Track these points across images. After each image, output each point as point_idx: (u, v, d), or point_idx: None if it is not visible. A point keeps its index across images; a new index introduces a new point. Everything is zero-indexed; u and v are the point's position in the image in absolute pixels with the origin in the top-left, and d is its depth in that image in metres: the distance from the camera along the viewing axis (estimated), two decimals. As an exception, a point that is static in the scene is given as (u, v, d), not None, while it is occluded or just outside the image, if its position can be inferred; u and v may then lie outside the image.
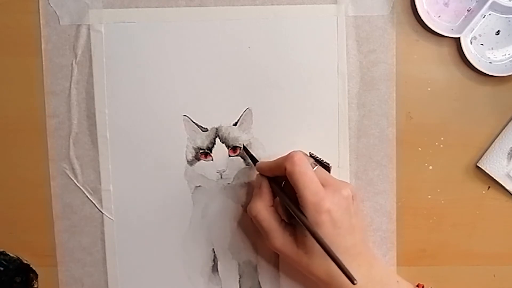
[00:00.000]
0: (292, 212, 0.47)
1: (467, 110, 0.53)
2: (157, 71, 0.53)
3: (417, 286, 0.51)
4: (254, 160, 0.52)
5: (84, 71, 0.53)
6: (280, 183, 0.50)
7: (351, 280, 0.42)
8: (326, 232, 0.46)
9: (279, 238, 0.48)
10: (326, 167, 0.50)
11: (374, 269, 0.49)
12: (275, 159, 0.50)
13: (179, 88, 0.53)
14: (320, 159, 0.50)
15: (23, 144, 0.54)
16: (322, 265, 0.47)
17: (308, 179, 0.46)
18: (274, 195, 0.50)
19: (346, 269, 0.43)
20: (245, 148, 0.53)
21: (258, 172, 0.51)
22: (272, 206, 0.49)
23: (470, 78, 0.53)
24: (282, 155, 0.48)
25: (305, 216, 0.46)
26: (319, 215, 0.46)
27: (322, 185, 0.47)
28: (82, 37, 0.53)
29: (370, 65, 0.53)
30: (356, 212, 0.49)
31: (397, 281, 0.50)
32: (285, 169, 0.47)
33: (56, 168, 0.54)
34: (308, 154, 0.50)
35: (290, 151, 0.48)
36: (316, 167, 0.48)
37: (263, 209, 0.49)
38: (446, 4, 0.52)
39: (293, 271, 0.55)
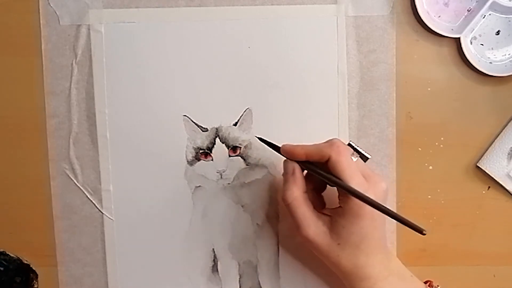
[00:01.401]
0: (334, 184, 0.46)
1: (467, 110, 0.53)
2: (157, 71, 0.53)
3: (425, 282, 0.51)
4: (274, 146, 0.50)
5: (84, 71, 0.53)
6: (313, 165, 0.48)
7: (420, 231, 0.42)
8: (365, 224, 0.46)
9: (312, 226, 0.48)
10: (364, 157, 0.49)
11: (392, 263, 0.49)
12: (309, 144, 0.48)
13: (179, 88, 0.54)
14: (359, 149, 0.49)
15: (23, 144, 0.54)
16: (352, 256, 0.47)
17: (353, 169, 0.46)
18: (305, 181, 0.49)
19: (412, 222, 0.43)
20: (260, 139, 0.51)
21: (285, 159, 0.49)
22: (306, 192, 0.49)
23: (470, 78, 0.53)
24: (322, 142, 0.48)
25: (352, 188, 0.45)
26: (363, 207, 0.45)
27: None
28: (82, 37, 0.53)
29: (370, 65, 0.53)
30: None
31: (411, 275, 0.51)
32: (330, 157, 0.46)
33: (56, 168, 0.54)
34: (347, 144, 0.49)
35: (331, 138, 0.47)
36: (356, 158, 0.48)
37: (299, 196, 0.48)
38: (446, 4, 0.52)
39: (293, 270, 0.55)
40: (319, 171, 0.48)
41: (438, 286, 0.51)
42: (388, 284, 0.48)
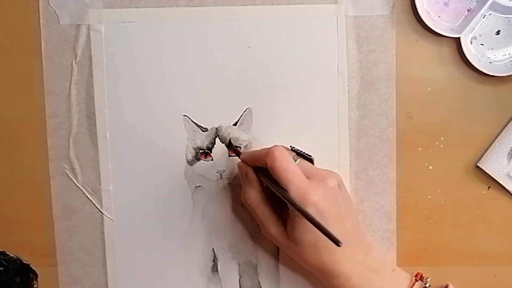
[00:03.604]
0: (278, 193, 0.46)
1: (467, 110, 0.53)
2: (157, 71, 0.53)
3: (416, 276, 0.51)
4: (238, 152, 0.52)
5: (84, 71, 0.53)
6: (264, 170, 0.49)
7: (336, 242, 0.41)
8: None
9: (273, 225, 0.48)
10: (309, 159, 0.49)
11: (369, 257, 0.49)
12: (257, 149, 0.50)
13: (179, 88, 0.54)
14: (301, 152, 0.49)
15: (23, 144, 0.54)
16: (313, 254, 0.47)
17: (290, 173, 0.46)
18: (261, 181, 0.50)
19: (330, 232, 0.41)
20: (230, 142, 0.53)
21: (239, 162, 0.51)
22: (263, 192, 0.49)
23: (470, 78, 0.53)
24: (265, 147, 0.48)
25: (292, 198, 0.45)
26: (305, 208, 0.45)
27: (307, 177, 0.46)
28: (82, 37, 0.53)
29: (370, 65, 0.53)
30: (345, 200, 0.48)
31: (393, 270, 0.50)
32: (266, 164, 0.46)
33: (56, 168, 0.54)
34: (290, 148, 0.50)
35: (272, 145, 0.47)
36: (298, 160, 0.48)
37: (257, 196, 0.49)
38: (446, 4, 0.52)
39: (293, 270, 0.55)
40: (266, 179, 0.48)
41: (428, 278, 0.50)
42: (363, 280, 0.48)
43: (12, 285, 0.55)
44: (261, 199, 0.49)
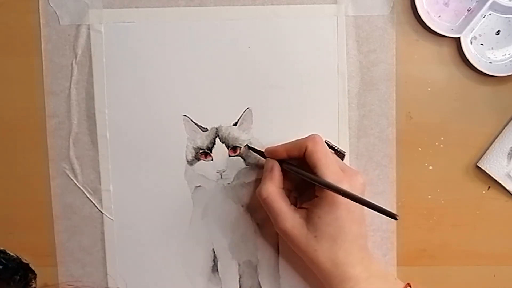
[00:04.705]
0: (312, 181, 0.47)
1: (467, 110, 0.53)
2: (157, 71, 0.53)
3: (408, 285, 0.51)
4: (261, 152, 0.52)
5: (84, 71, 0.53)
6: (292, 164, 0.50)
7: (393, 216, 0.42)
8: (340, 214, 0.46)
9: (289, 220, 0.48)
10: (341, 154, 0.51)
11: (374, 265, 0.49)
12: (289, 141, 0.50)
13: (179, 88, 0.54)
14: (335, 146, 0.51)
15: (23, 144, 0.54)
16: (329, 251, 0.47)
17: (329, 159, 0.47)
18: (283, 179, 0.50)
19: (381, 207, 0.42)
20: (249, 147, 0.53)
21: (268, 158, 0.51)
22: (282, 188, 0.50)
23: (470, 78, 0.53)
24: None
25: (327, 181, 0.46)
26: (337, 195, 0.46)
27: None
28: (82, 37, 0.53)
29: (370, 65, 0.53)
30: None
31: (395, 278, 0.50)
32: (306, 148, 0.47)
33: (56, 168, 0.54)
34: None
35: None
36: (332, 154, 0.49)
37: (274, 190, 0.49)
38: (446, 4, 0.52)
39: (293, 270, 0.55)
40: (296, 169, 0.49)
41: None
42: (370, 285, 0.48)
43: (10, 284, 0.55)
44: (279, 194, 0.49)
